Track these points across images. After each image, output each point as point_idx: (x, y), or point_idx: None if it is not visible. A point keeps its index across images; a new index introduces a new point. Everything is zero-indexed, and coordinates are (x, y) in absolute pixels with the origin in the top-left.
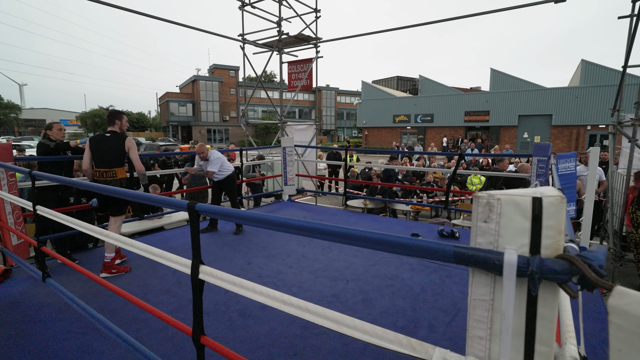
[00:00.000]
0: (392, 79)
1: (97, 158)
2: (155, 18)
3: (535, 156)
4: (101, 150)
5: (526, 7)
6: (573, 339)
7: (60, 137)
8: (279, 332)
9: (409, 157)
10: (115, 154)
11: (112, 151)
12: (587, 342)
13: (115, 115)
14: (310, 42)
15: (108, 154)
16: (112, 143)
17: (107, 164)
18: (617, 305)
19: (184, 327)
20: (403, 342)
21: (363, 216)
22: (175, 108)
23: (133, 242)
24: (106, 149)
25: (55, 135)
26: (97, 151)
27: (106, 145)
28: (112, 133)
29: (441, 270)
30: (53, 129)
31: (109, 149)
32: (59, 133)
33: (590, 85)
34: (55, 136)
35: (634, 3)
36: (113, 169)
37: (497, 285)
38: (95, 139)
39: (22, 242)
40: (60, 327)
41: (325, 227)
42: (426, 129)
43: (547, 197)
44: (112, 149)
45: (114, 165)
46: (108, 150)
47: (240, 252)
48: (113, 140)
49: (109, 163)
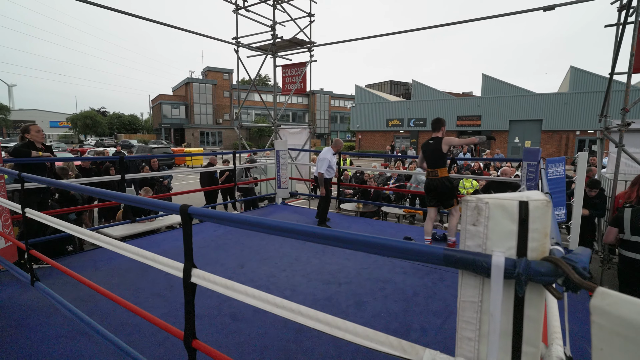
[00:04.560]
0: (385, 84)
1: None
2: (150, 21)
3: (525, 161)
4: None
5: (518, 14)
6: (559, 339)
7: (38, 139)
8: (272, 336)
9: (402, 161)
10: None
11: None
12: (574, 342)
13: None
14: (304, 46)
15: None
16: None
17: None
18: (599, 305)
19: (175, 331)
20: (394, 344)
21: (356, 219)
22: (168, 110)
23: (124, 246)
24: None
25: (34, 137)
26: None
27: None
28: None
29: (433, 274)
30: (31, 131)
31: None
32: (37, 135)
33: (579, 91)
34: (33, 139)
35: (619, 12)
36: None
37: (486, 287)
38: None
39: (9, 245)
40: (49, 332)
41: (318, 231)
42: (419, 133)
43: (533, 201)
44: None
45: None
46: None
47: (232, 255)
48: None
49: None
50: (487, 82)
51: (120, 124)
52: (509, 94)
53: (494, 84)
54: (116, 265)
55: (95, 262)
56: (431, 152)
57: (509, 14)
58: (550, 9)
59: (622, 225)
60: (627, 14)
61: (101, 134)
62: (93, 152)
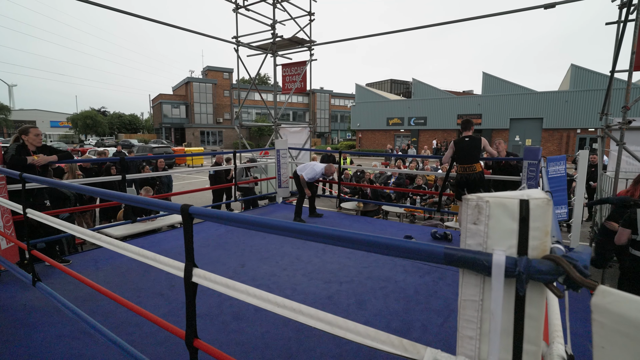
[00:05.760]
0: (385, 82)
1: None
2: (151, 20)
3: (526, 159)
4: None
5: (519, 12)
6: (561, 337)
7: (36, 142)
8: (273, 335)
9: (402, 160)
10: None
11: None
12: (575, 341)
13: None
14: (304, 45)
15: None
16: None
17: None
18: (600, 303)
19: (177, 330)
20: (395, 343)
21: (357, 218)
22: (169, 110)
23: (125, 245)
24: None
25: (32, 140)
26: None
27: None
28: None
29: (434, 272)
30: (29, 134)
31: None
32: (35, 139)
33: (579, 89)
34: (30, 141)
35: (620, 10)
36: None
37: (486, 285)
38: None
39: (11, 245)
40: (51, 331)
41: (318, 230)
42: (419, 131)
43: (534, 200)
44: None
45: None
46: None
47: (233, 254)
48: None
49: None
50: (487, 81)
51: (121, 123)
52: (510, 92)
53: (494, 82)
54: (117, 265)
55: (97, 262)
56: (472, 148)
57: (509, 12)
58: (551, 7)
59: (636, 226)
60: (628, 11)
61: (101, 133)
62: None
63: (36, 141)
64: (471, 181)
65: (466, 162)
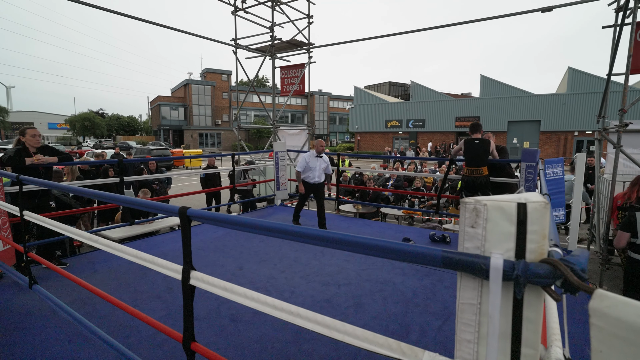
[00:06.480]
0: (384, 85)
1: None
2: (149, 22)
3: (523, 162)
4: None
5: (516, 15)
6: (559, 341)
7: (34, 143)
8: (271, 338)
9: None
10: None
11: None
12: (573, 344)
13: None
14: (303, 48)
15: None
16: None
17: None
18: (598, 307)
19: (174, 334)
20: (393, 347)
21: (355, 221)
22: (167, 112)
23: (123, 248)
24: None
25: (29, 141)
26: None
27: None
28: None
29: (432, 275)
30: (26, 135)
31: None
32: (32, 139)
33: (577, 92)
34: (28, 142)
35: (617, 13)
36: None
37: (484, 289)
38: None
39: (8, 248)
40: (47, 335)
41: (317, 232)
42: (418, 134)
43: (531, 203)
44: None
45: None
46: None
47: (231, 257)
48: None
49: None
50: (485, 83)
51: (119, 125)
52: (508, 94)
53: (492, 85)
54: (115, 268)
55: (94, 264)
56: (482, 152)
57: (507, 16)
58: (547, 11)
59: (635, 230)
60: (625, 15)
61: (100, 135)
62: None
63: (33, 142)
64: (477, 185)
65: (474, 164)
